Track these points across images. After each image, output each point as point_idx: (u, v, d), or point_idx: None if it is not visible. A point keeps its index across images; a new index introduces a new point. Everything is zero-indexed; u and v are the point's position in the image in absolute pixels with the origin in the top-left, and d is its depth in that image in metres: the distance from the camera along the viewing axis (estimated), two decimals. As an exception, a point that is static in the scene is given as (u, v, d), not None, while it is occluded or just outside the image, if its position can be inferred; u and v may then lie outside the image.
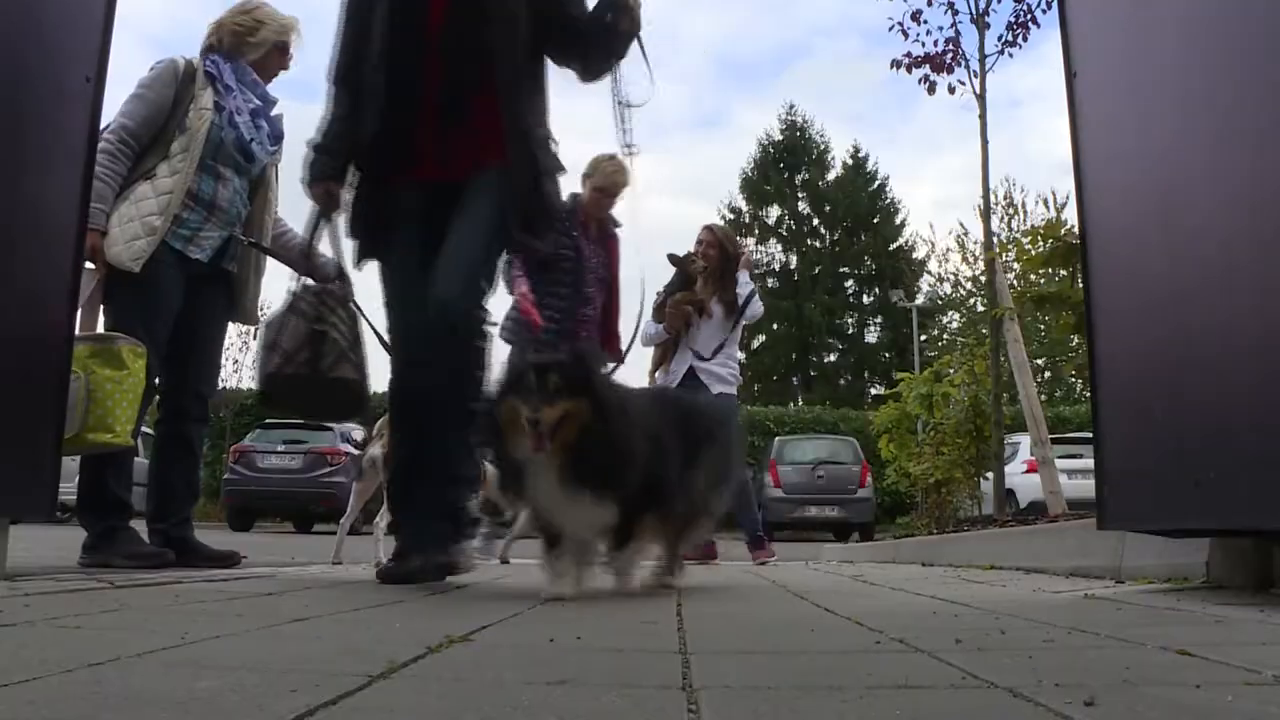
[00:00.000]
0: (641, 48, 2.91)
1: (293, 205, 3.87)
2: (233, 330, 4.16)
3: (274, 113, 3.81)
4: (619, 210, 5.04)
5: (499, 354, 4.09)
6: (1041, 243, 4.86)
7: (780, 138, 35.70)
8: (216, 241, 3.59)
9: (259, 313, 3.89)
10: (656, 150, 46.55)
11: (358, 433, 15.68)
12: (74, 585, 2.27)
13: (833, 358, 34.99)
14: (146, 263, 3.34)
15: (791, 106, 36.23)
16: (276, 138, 3.79)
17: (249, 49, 3.68)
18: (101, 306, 3.38)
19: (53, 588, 2.18)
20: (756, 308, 5.75)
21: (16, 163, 2.25)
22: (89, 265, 3.25)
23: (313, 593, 2.32)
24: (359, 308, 3.16)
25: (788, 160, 35.29)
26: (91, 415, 3.04)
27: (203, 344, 3.69)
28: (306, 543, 9.33)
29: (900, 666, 1.23)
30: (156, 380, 3.46)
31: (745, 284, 5.66)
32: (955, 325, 27.09)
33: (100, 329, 3.34)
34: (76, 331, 3.11)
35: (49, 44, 2.35)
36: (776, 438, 17.13)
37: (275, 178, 3.87)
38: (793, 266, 34.83)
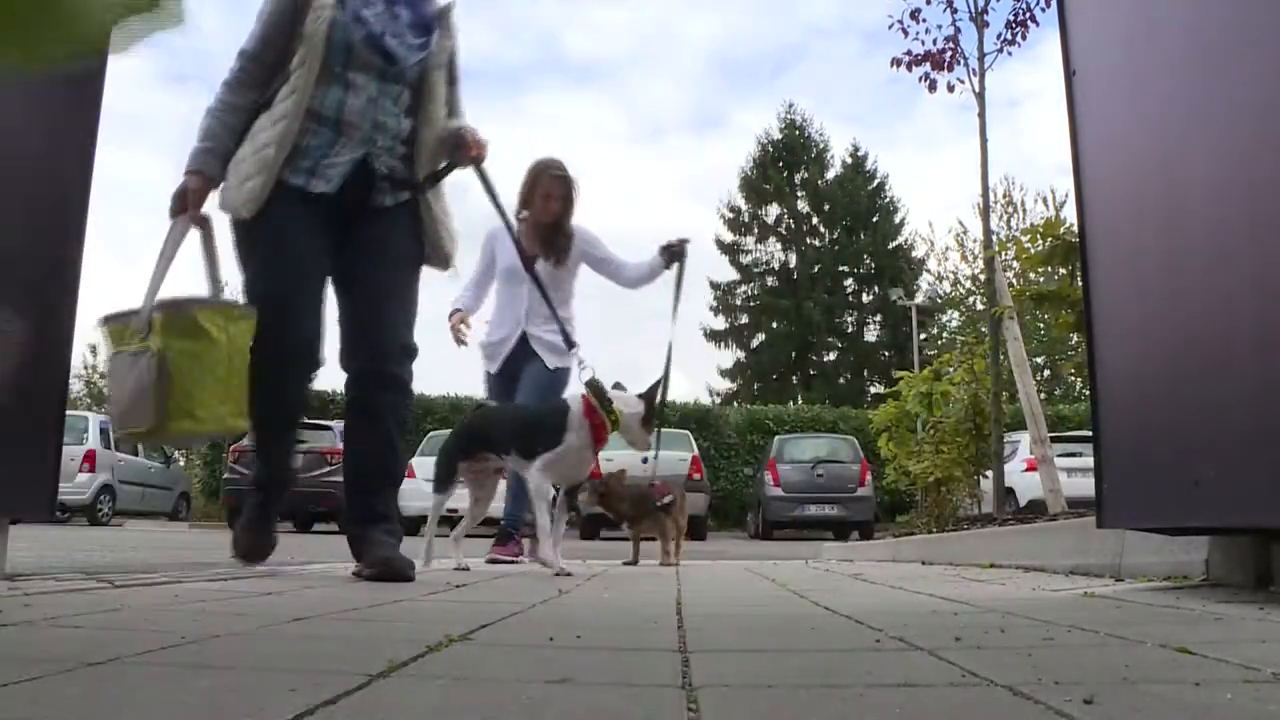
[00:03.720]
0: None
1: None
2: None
3: None
4: None
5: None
6: (1041, 241, 4.86)
7: (780, 137, 35.68)
8: (346, 167, 2.89)
9: (448, 252, 3.11)
10: (656, 151, 46.56)
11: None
12: (74, 585, 2.27)
13: (832, 356, 34.97)
14: (265, 206, 2.80)
15: (791, 106, 36.23)
16: (424, 28, 2.99)
17: None
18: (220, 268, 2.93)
19: (53, 588, 2.18)
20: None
21: (14, 156, 2.25)
22: (183, 215, 2.83)
23: (313, 593, 2.32)
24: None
25: (787, 159, 35.26)
26: (171, 400, 2.55)
27: (367, 296, 2.97)
28: (306, 543, 9.33)
29: (900, 665, 1.23)
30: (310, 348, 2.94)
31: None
32: (955, 324, 27.07)
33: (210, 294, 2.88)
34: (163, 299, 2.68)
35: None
36: (776, 436, 17.14)
37: (442, 81, 3.06)
38: (792, 265, 34.82)
